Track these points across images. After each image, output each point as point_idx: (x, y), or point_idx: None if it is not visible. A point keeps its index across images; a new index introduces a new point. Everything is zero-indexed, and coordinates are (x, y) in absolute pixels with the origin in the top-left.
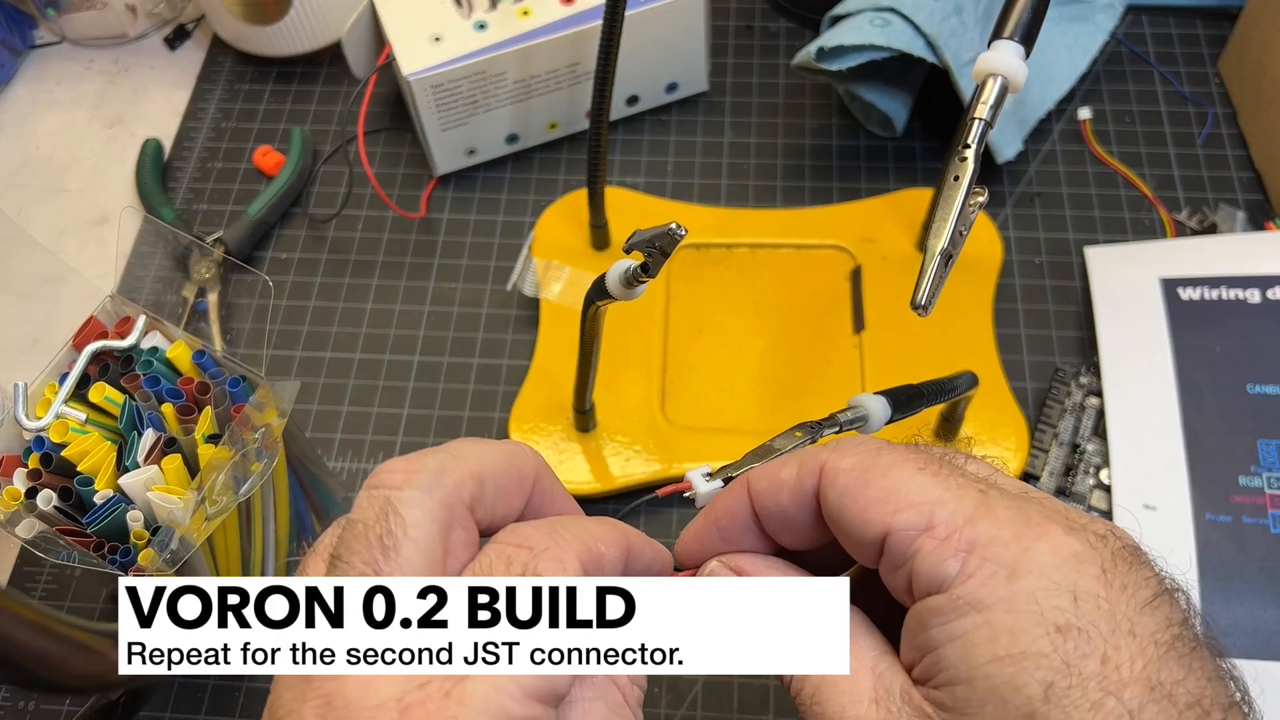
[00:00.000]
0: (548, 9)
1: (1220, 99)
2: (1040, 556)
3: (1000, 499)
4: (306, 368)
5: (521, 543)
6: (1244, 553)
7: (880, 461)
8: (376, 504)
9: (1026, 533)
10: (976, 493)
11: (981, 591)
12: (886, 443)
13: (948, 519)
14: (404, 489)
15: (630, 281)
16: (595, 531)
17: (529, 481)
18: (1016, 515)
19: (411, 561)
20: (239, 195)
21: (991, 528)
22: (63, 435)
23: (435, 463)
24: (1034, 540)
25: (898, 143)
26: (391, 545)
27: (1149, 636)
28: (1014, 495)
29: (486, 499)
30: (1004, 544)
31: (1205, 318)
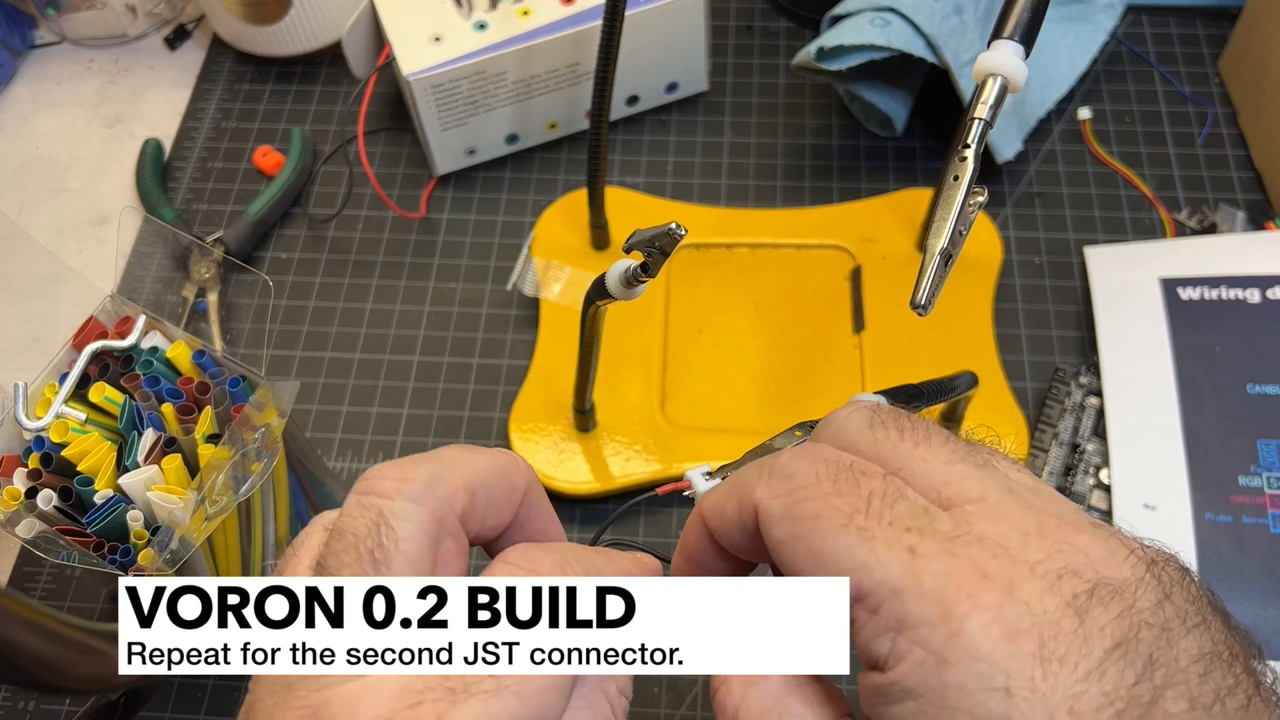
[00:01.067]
0: (548, 9)
1: (1220, 99)
2: (969, 641)
3: (930, 557)
4: (306, 368)
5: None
6: (1244, 553)
7: (806, 512)
8: (368, 515)
9: (955, 610)
10: (903, 553)
11: (913, 679)
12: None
13: (874, 589)
14: (395, 499)
15: (630, 281)
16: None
17: (519, 494)
18: (946, 584)
19: (401, 574)
20: (239, 195)
21: (918, 606)
22: (63, 435)
23: (428, 472)
24: (963, 620)
25: (898, 143)
26: (383, 559)
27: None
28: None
29: (477, 510)
30: (932, 626)
31: (1205, 317)
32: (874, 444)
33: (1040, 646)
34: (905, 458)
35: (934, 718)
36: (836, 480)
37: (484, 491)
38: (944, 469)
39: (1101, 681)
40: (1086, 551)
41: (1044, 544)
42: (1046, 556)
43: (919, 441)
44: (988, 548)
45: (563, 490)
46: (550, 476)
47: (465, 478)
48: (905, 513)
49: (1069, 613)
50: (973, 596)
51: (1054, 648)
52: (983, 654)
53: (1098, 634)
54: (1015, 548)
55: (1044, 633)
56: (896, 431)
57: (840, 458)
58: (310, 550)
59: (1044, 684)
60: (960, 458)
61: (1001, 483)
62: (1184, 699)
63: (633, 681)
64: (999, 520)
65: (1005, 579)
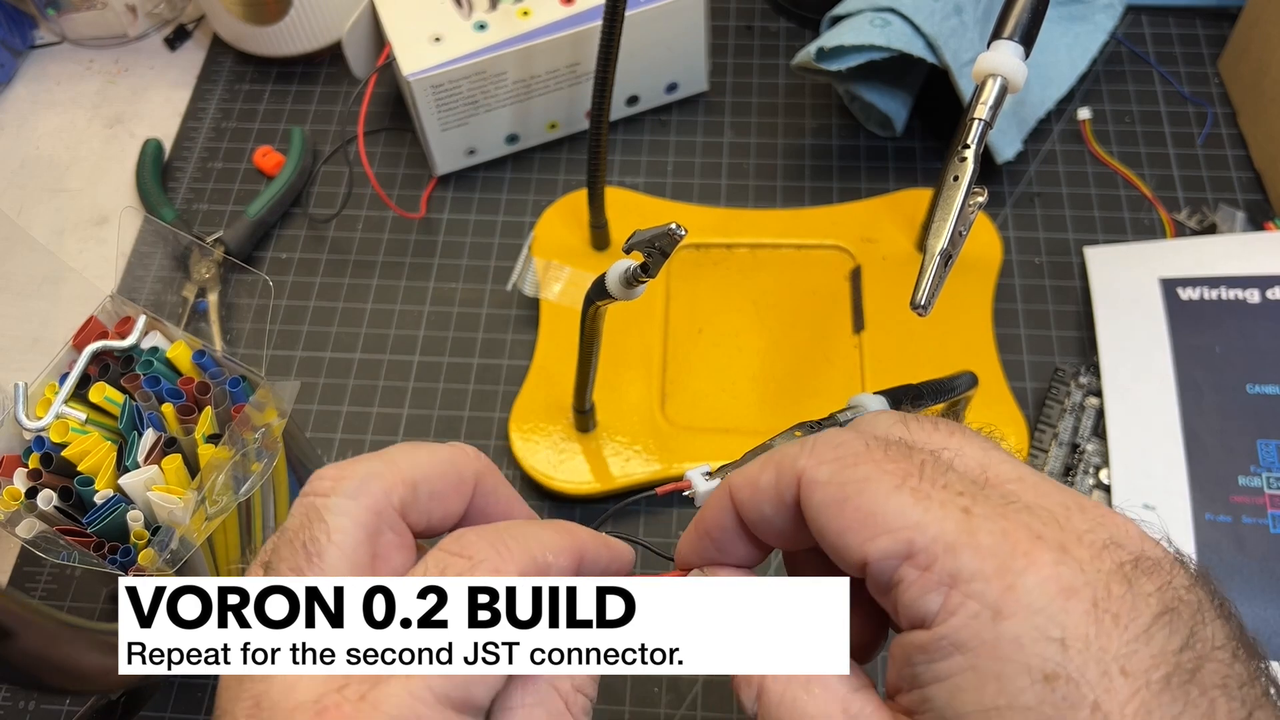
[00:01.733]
0: (548, 9)
1: (1220, 99)
2: (1026, 594)
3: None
4: (306, 368)
5: (461, 550)
6: (1244, 553)
7: (856, 475)
8: (303, 511)
9: (1011, 565)
10: (958, 512)
11: (965, 633)
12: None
13: (927, 546)
14: (330, 496)
15: (630, 281)
16: (545, 539)
17: (468, 485)
18: (1001, 541)
19: (335, 565)
20: (239, 195)
21: (974, 560)
22: (63, 435)
23: (364, 469)
24: (1018, 575)
25: (898, 143)
26: (315, 551)
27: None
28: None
29: (420, 503)
30: (987, 580)
31: (1205, 318)
32: (911, 435)
33: (1094, 605)
34: (943, 443)
35: (983, 670)
36: (888, 450)
37: (426, 484)
38: (980, 454)
39: (1150, 644)
40: (1125, 528)
41: (1086, 517)
42: (1091, 528)
43: (953, 433)
44: (1037, 515)
45: (563, 490)
46: (550, 476)
47: (404, 472)
48: (956, 480)
49: (1118, 577)
50: (1028, 554)
51: (1106, 608)
52: (1039, 607)
53: (1144, 600)
54: (1061, 517)
55: (1097, 592)
56: (931, 425)
57: (889, 433)
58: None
59: (1098, 640)
60: (993, 446)
61: (1033, 469)
62: (1220, 674)
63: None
64: (1041, 495)
65: (1057, 541)
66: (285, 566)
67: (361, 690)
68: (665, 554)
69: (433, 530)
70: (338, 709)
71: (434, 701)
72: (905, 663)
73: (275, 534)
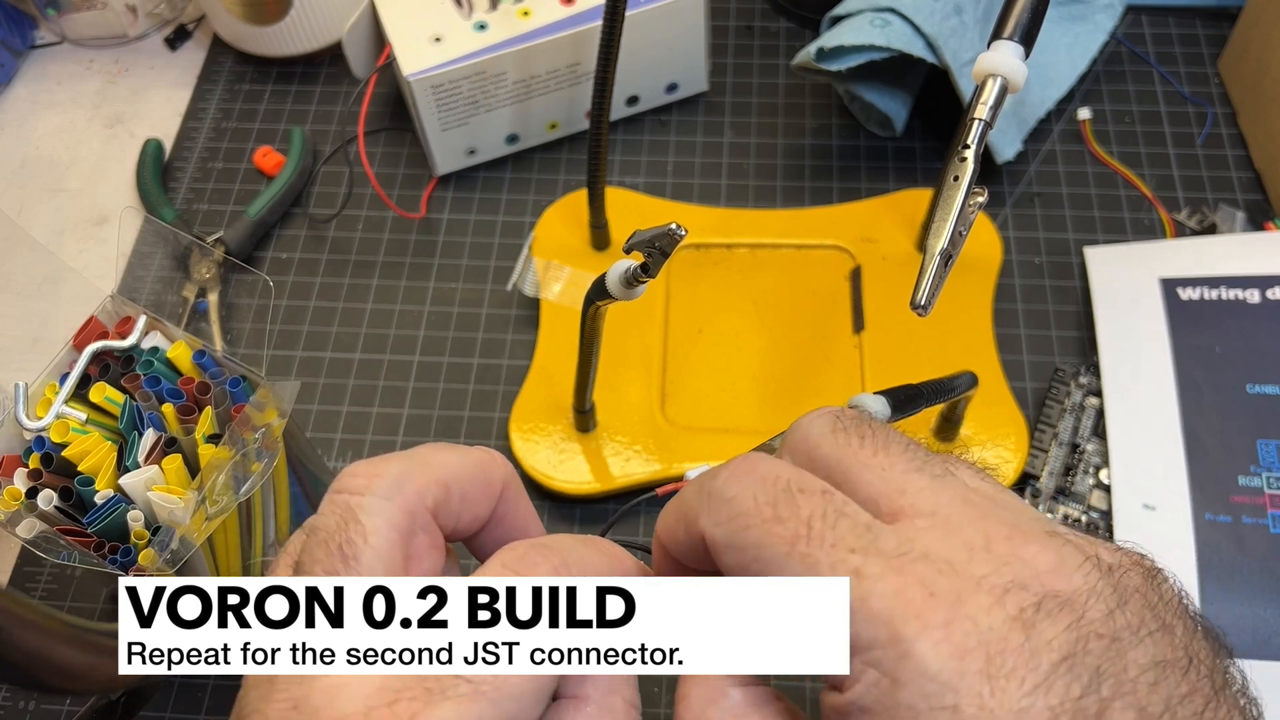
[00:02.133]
0: (548, 9)
1: (1220, 99)
2: (919, 662)
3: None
4: (307, 368)
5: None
6: (1244, 553)
7: (749, 540)
8: (338, 511)
9: (904, 631)
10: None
11: (868, 699)
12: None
13: None
14: (365, 495)
15: (630, 281)
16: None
17: (496, 489)
18: (894, 604)
19: (372, 568)
20: (239, 195)
21: (868, 628)
22: (63, 435)
23: (398, 468)
24: (912, 641)
25: (898, 143)
26: (351, 554)
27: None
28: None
29: (451, 505)
30: (883, 647)
31: (1205, 318)
32: (835, 449)
33: (988, 663)
34: (864, 465)
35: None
36: (775, 504)
37: (458, 486)
38: (900, 478)
39: (1048, 695)
40: (1034, 563)
41: (990, 558)
42: (993, 570)
43: (878, 449)
44: (933, 564)
45: (563, 490)
46: (550, 476)
47: (437, 473)
48: (847, 532)
49: (1016, 627)
50: (920, 615)
51: (1001, 663)
52: (933, 673)
53: (1045, 648)
54: (961, 563)
55: (991, 649)
56: (858, 438)
57: (778, 476)
58: (291, 552)
59: (992, 700)
60: (917, 467)
61: (958, 493)
62: (1132, 709)
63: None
64: (947, 535)
65: (952, 595)
66: (320, 569)
67: (413, 709)
68: None
69: (457, 534)
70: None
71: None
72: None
73: (304, 531)
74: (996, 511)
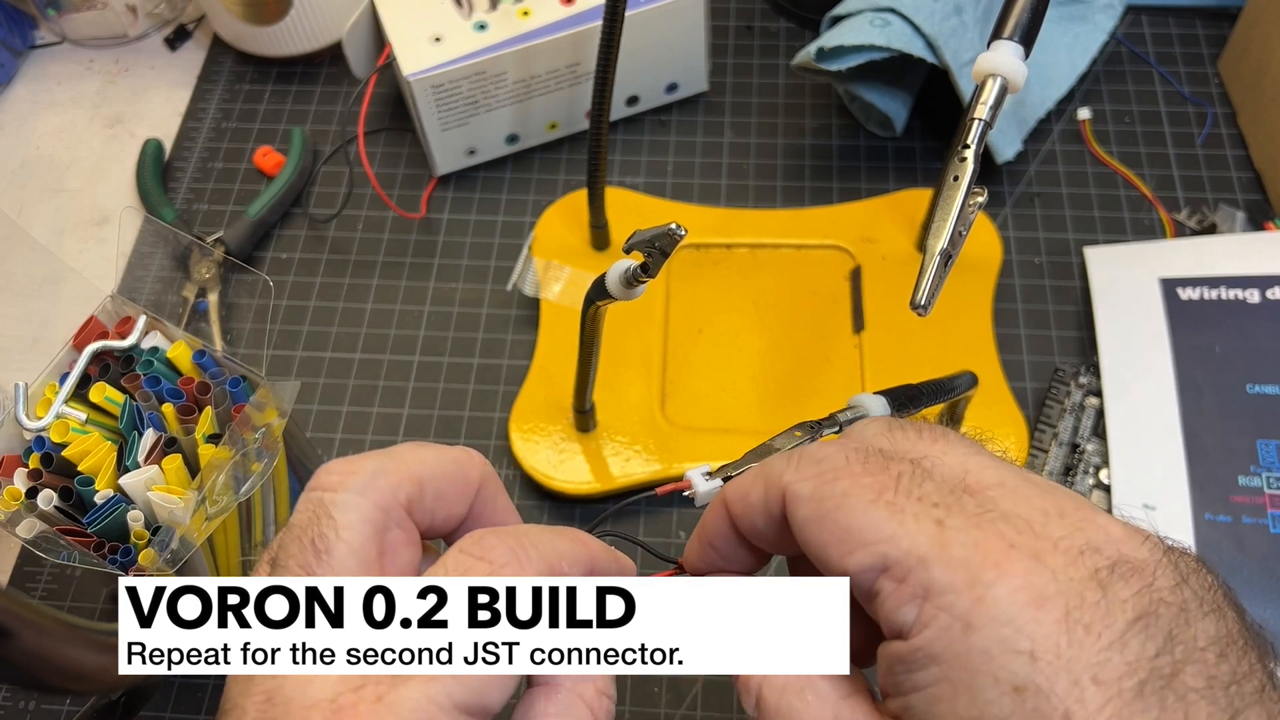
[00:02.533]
0: (548, 9)
1: (1220, 99)
2: (995, 606)
3: (958, 529)
4: (307, 368)
5: (483, 554)
6: (1244, 553)
7: (836, 490)
8: (311, 507)
9: (982, 577)
10: (932, 525)
11: (938, 645)
12: (845, 457)
13: (901, 559)
14: (338, 491)
15: (630, 281)
16: (561, 549)
17: (473, 488)
18: (973, 553)
19: (344, 562)
20: (239, 195)
21: (945, 573)
22: (63, 435)
23: (372, 465)
24: (988, 587)
25: (898, 143)
26: (324, 548)
27: (1115, 683)
28: (976, 516)
29: (425, 502)
30: (958, 592)
31: (1205, 318)
32: (894, 443)
33: (1066, 614)
34: (926, 451)
35: (957, 682)
36: (866, 462)
37: (433, 484)
38: (963, 459)
39: (1124, 651)
40: (1107, 530)
41: (1065, 522)
42: (1068, 533)
43: (936, 438)
44: (1012, 523)
45: (563, 490)
46: (550, 476)
47: (412, 470)
48: (933, 490)
49: (1092, 584)
50: (1000, 565)
51: (1079, 616)
52: (1008, 618)
53: (1120, 606)
54: (1038, 524)
55: (1070, 601)
56: (915, 432)
57: (870, 445)
58: (271, 549)
59: (1069, 650)
60: (977, 450)
61: (1018, 472)
62: (1202, 676)
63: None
64: (1020, 501)
65: (1031, 550)
66: (294, 563)
67: (379, 692)
68: (663, 554)
69: (434, 531)
70: (354, 709)
71: (450, 707)
72: (888, 671)
73: (283, 529)
74: (1058, 488)
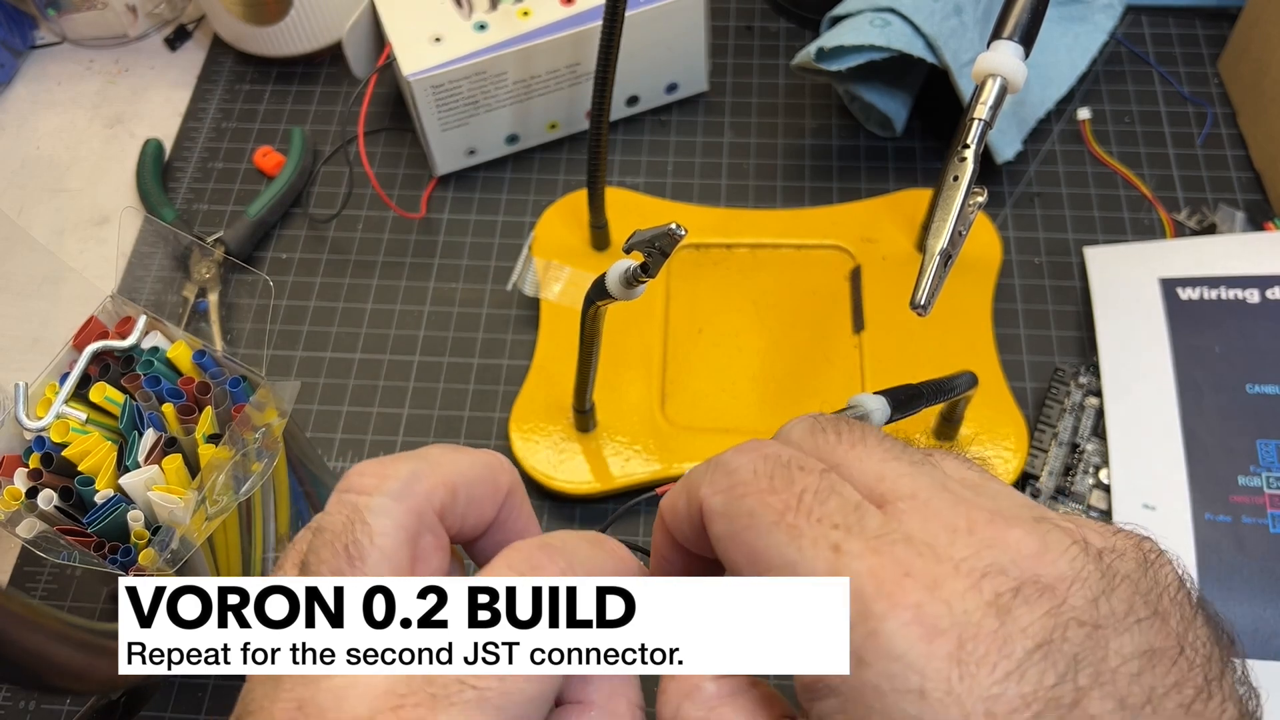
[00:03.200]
0: (548, 9)
1: (1220, 99)
2: (886, 641)
3: (854, 555)
4: (307, 368)
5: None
6: (1243, 552)
7: (743, 508)
8: (345, 511)
9: (873, 609)
10: (828, 551)
11: (835, 678)
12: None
13: None
14: (373, 495)
15: (630, 281)
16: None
17: (502, 493)
18: (867, 582)
19: (377, 568)
20: (239, 195)
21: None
22: (63, 435)
23: (407, 469)
24: (880, 620)
25: (898, 143)
26: (358, 554)
27: (1007, 715)
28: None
29: (458, 507)
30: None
31: (1204, 318)
32: (815, 447)
33: (959, 647)
34: (843, 457)
35: (854, 715)
36: (773, 476)
37: (465, 489)
38: (878, 465)
39: (1021, 683)
40: (1017, 547)
41: (971, 541)
42: (973, 553)
43: (855, 442)
44: (913, 546)
45: (563, 490)
46: (550, 476)
47: (446, 475)
48: (835, 509)
49: (990, 612)
50: (892, 595)
51: (973, 648)
52: (898, 654)
53: (1020, 634)
54: (942, 545)
55: (963, 633)
56: (834, 434)
57: (780, 453)
58: (298, 550)
59: (960, 685)
60: (895, 456)
61: (936, 480)
62: (1111, 699)
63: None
64: (930, 517)
65: (928, 577)
66: (325, 568)
67: (418, 715)
68: None
69: (462, 536)
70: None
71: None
72: (800, 696)
73: (311, 530)
74: (979, 498)
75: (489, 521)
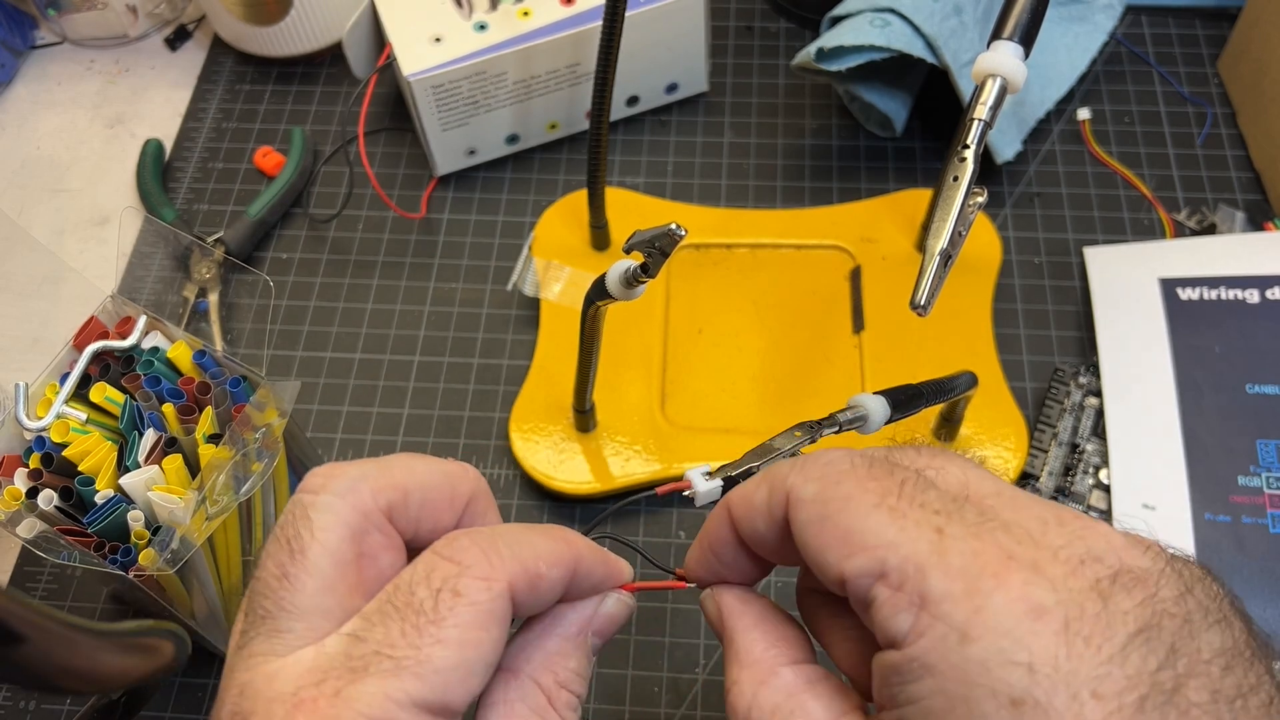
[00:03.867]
0: (548, 9)
1: (1219, 99)
2: (993, 617)
3: (958, 537)
4: (307, 368)
5: (452, 555)
6: (1243, 552)
7: (839, 493)
8: (293, 508)
9: (980, 586)
10: (932, 532)
11: (933, 655)
12: (852, 462)
13: (899, 565)
14: (319, 494)
15: (630, 281)
16: (540, 547)
17: (461, 501)
18: (972, 561)
19: (318, 562)
20: (239, 195)
21: (943, 581)
22: (64, 435)
23: (356, 471)
24: (987, 596)
25: (897, 143)
26: (299, 548)
27: (1115, 698)
28: (976, 525)
29: (410, 510)
30: (955, 601)
31: (1204, 318)
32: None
33: (1065, 626)
34: (927, 464)
35: (952, 695)
36: (872, 467)
37: (419, 493)
38: (962, 472)
39: (1125, 665)
40: (1108, 538)
41: (1065, 530)
42: (1068, 542)
43: (935, 454)
44: (1012, 534)
45: (563, 490)
46: (550, 476)
47: (397, 478)
48: (935, 498)
49: (1093, 595)
50: (998, 574)
51: (1078, 628)
52: (1006, 629)
53: (1121, 618)
54: (1038, 533)
55: (1069, 613)
56: (914, 450)
57: (874, 452)
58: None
59: (1068, 663)
60: (975, 465)
61: (1013, 486)
62: (1206, 690)
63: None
64: (1020, 510)
65: (1030, 560)
66: (271, 563)
67: (338, 686)
68: (663, 565)
69: (420, 540)
70: (313, 703)
71: (409, 703)
72: (883, 683)
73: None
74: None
75: (449, 527)
